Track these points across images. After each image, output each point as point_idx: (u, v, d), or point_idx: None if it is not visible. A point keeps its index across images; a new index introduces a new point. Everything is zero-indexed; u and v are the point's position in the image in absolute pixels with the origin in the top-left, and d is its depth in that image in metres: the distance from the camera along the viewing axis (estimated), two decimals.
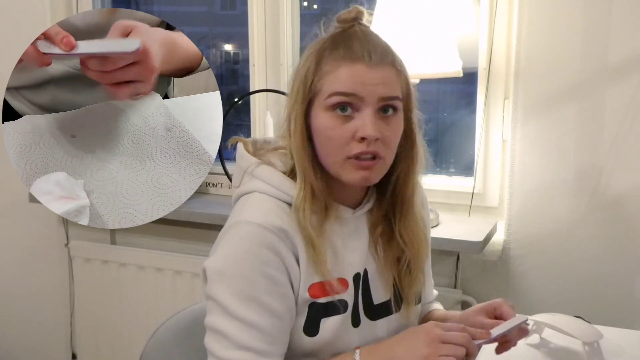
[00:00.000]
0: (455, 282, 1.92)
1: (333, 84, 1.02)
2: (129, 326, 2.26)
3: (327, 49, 1.04)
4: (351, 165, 1.03)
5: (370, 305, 1.11)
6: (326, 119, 1.02)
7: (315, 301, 1.05)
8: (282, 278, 1.02)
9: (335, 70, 1.02)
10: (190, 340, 1.27)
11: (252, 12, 2.11)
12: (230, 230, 1.04)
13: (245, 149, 1.12)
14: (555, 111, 1.76)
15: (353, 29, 1.05)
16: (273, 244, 1.01)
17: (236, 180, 1.12)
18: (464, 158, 2.00)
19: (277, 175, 1.07)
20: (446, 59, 1.69)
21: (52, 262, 2.42)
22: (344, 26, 1.06)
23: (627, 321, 1.64)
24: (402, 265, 1.13)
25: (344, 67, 1.01)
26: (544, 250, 1.82)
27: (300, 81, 1.04)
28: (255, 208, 1.04)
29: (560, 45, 1.73)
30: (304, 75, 1.04)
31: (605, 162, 1.73)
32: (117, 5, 2.42)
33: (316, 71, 1.03)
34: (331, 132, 1.02)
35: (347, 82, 1.01)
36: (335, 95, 1.01)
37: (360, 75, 1.01)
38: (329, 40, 1.05)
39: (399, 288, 1.14)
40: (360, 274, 1.10)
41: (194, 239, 2.21)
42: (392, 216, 1.13)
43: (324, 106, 1.02)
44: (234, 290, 1.00)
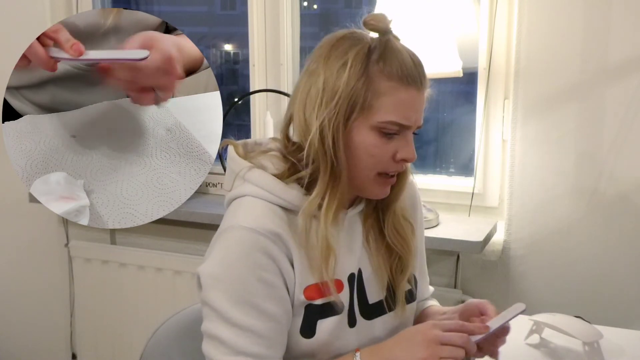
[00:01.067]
0: (455, 282, 1.92)
1: (390, 111, 1.01)
2: (129, 326, 2.26)
3: (377, 61, 1.01)
4: (379, 181, 1.06)
5: (366, 305, 1.11)
6: (371, 137, 1.02)
7: (311, 303, 1.05)
8: (277, 281, 1.02)
9: (392, 94, 1.00)
10: (190, 340, 1.27)
11: (252, 12, 2.10)
12: (223, 234, 1.03)
13: (236, 151, 1.11)
14: (555, 111, 1.76)
15: (393, 41, 1.03)
16: (267, 247, 1.01)
17: (228, 183, 1.11)
18: (464, 158, 2.00)
19: (269, 178, 1.06)
20: (446, 59, 1.69)
21: (52, 262, 2.42)
22: (381, 37, 1.03)
23: (627, 321, 1.64)
24: (393, 264, 1.14)
25: (401, 92, 1.01)
26: (544, 250, 1.82)
27: (345, 92, 1.00)
28: (247, 212, 1.04)
29: (560, 45, 1.73)
30: (352, 87, 1.00)
31: (605, 162, 1.73)
32: (117, 5, 2.42)
33: (368, 86, 1.00)
34: (374, 150, 1.03)
35: (404, 112, 1.01)
36: (392, 125, 1.01)
37: (414, 103, 1.02)
38: (376, 52, 1.01)
39: (392, 287, 1.14)
40: (354, 274, 1.10)
41: (194, 239, 2.21)
42: (381, 219, 1.14)
43: (373, 126, 1.02)
44: (229, 295, 1.00)
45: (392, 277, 1.14)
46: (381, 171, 1.05)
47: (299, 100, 1.05)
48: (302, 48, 2.14)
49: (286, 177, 1.06)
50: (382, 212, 1.14)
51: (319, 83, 1.02)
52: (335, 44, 1.03)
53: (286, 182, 1.06)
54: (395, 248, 1.13)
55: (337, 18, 2.22)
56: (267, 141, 1.16)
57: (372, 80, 1.00)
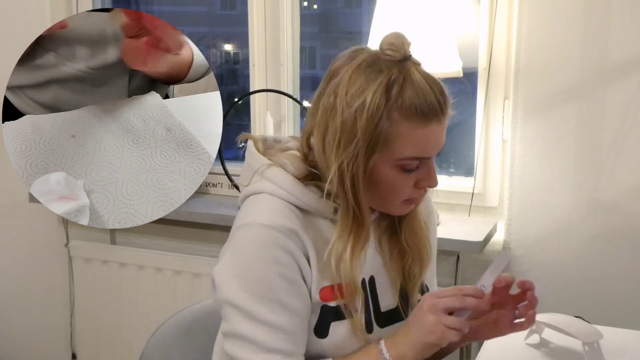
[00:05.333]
0: (455, 282, 1.92)
1: (409, 148, 0.99)
2: (129, 326, 2.26)
3: (396, 99, 0.97)
4: (404, 205, 1.06)
5: (377, 312, 1.11)
6: (393, 173, 1.01)
7: (326, 304, 1.05)
8: (297, 277, 1.02)
9: (411, 133, 0.98)
10: (190, 340, 1.27)
11: (252, 12, 2.10)
12: (239, 232, 1.03)
13: (255, 146, 1.10)
14: (555, 111, 1.76)
15: (412, 71, 0.99)
16: (284, 244, 1.00)
17: (245, 179, 1.10)
18: (464, 158, 2.00)
19: (288, 178, 1.05)
20: (446, 59, 1.69)
21: (52, 262, 2.42)
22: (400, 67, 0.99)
23: (627, 321, 1.64)
24: (406, 266, 1.13)
25: (421, 130, 0.98)
26: (544, 250, 1.82)
27: (364, 135, 0.97)
28: (264, 209, 1.03)
29: (560, 45, 1.72)
30: (371, 130, 0.97)
31: (605, 162, 1.73)
32: (117, 5, 2.42)
33: (387, 127, 0.97)
34: (396, 184, 1.02)
35: (424, 147, 1.00)
36: (413, 160, 1.00)
37: (435, 137, 1.01)
38: (396, 87, 0.97)
39: (406, 293, 1.14)
40: (365, 280, 1.10)
41: (194, 239, 2.21)
42: (397, 223, 1.13)
43: (394, 164, 1.00)
44: (252, 292, 0.99)
45: (405, 281, 1.13)
46: (407, 199, 1.05)
47: (318, 133, 1.02)
48: (302, 48, 2.14)
49: (305, 180, 1.05)
50: (403, 219, 1.12)
51: (336, 122, 0.98)
52: (353, 77, 0.98)
53: (305, 184, 1.05)
54: (410, 249, 1.12)
55: (337, 18, 2.22)
56: (286, 139, 1.15)
57: (392, 121, 0.97)
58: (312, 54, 2.21)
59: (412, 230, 1.13)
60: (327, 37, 2.21)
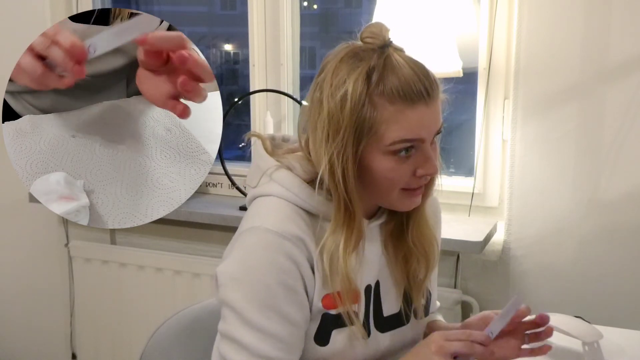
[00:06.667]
0: (455, 282, 1.92)
1: (397, 131, 0.97)
2: (129, 326, 2.26)
3: (377, 84, 0.97)
4: (405, 196, 1.04)
5: (380, 317, 1.10)
6: (386, 162, 0.99)
7: (328, 312, 1.04)
8: (299, 286, 1.01)
9: (397, 117, 0.97)
10: (190, 340, 1.27)
11: (252, 12, 2.10)
12: (246, 234, 1.02)
13: (264, 146, 1.09)
14: (555, 111, 1.76)
15: (393, 56, 0.98)
16: (291, 252, 0.99)
17: (253, 179, 1.09)
18: (464, 158, 2.00)
19: (296, 181, 1.04)
20: (446, 59, 1.69)
21: (52, 262, 2.42)
22: (380, 53, 0.98)
23: (627, 321, 1.64)
24: (413, 276, 1.12)
25: (407, 112, 0.97)
26: (544, 250, 1.82)
27: (349, 124, 0.97)
28: (272, 214, 1.02)
29: (560, 45, 1.73)
30: (355, 118, 0.97)
31: (605, 162, 1.73)
32: (117, 5, 2.42)
33: (372, 113, 0.97)
34: (392, 174, 1.00)
35: (412, 128, 0.98)
36: (400, 143, 0.98)
37: (423, 119, 0.98)
38: (376, 73, 0.97)
39: (409, 299, 1.13)
40: (371, 285, 1.09)
41: (194, 239, 2.21)
42: (405, 226, 1.12)
43: (385, 151, 0.99)
44: (251, 298, 0.98)
45: (409, 285, 1.13)
46: (403, 187, 1.02)
47: (309, 129, 1.02)
48: (302, 48, 2.14)
49: (313, 183, 1.04)
50: (407, 213, 1.10)
51: (323, 115, 0.99)
52: (336, 70, 0.99)
53: (313, 187, 1.03)
54: (416, 248, 1.11)
55: (337, 18, 2.22)
56: (295, 138, 1.14)
57: (375, 107, 0.97)
58: (312, 54, 2.21)
59: (419, 229, 1.12)
60: (327, 37, 2.21)
